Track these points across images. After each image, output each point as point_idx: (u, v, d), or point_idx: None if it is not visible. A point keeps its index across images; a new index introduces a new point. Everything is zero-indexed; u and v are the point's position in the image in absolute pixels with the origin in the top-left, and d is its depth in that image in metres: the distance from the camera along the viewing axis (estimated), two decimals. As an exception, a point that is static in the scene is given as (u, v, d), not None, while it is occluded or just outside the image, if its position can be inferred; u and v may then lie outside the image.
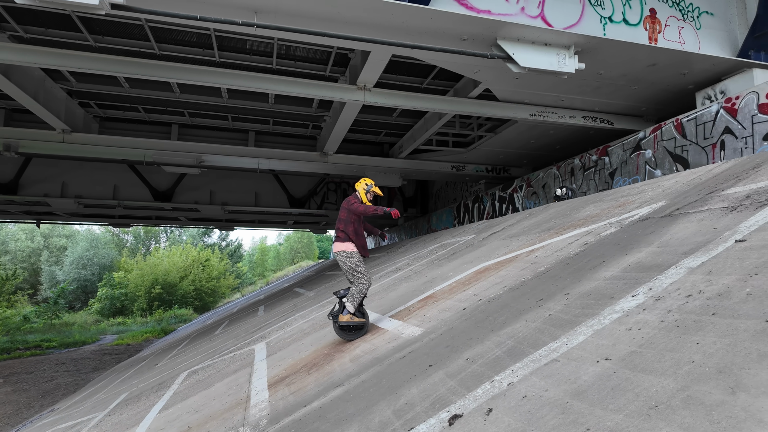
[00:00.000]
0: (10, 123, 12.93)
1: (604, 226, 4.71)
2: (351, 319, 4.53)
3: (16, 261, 45.45)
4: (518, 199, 14.41)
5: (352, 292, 4.53)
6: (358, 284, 4.51)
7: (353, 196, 4.76)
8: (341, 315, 4.55)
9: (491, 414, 2.04)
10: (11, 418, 12.30)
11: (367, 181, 4.79)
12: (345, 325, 4.56)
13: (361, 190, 4.76)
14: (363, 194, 4.74)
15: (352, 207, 4.60)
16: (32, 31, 9.10)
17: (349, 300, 4.52)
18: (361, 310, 4.63)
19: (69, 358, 21.74)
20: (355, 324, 4.58)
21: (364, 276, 4.52)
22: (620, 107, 11.36)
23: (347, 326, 4.57)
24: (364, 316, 4.65)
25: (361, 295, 4.51)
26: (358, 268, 4.53)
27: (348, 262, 4.56)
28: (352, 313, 4.52)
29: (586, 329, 2.50)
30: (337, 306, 4.66)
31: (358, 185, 4.80)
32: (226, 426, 3.55)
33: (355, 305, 4.50)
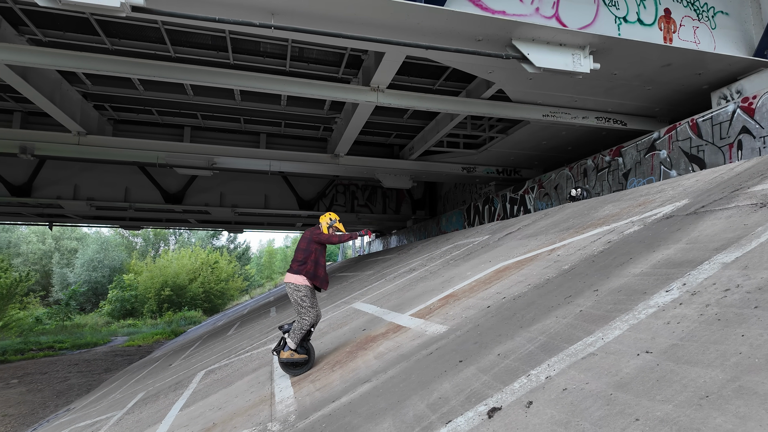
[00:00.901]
0: (26, 125, 13.12)
1: (627, 224, 4.69)
2: (291, 356, 4.43)
3: (28, 263, 45.95)
4: (530, 200, 14.37)
5: (294, 327, 4.44)
6: (300, 320, 4.43)
7: (316, 227, 4.72)
8: (282, 351, 4.46)
9: (532, 406, 2.04)
10: (27, 417, 12.42)
11: (332, 216, 4.74)
12: (285, 360, 4.46)
13: (324, 224, 4.70)
14: (325, 229, 4.68)
15: (320, 237, 4.56)
16: (50, 34, 9.23)
17: (290, 336, 4.43)
18: (305, 346, 4.53)
19: (81, 359, 21.93)
20: (296, 360, 4.46)
21: (308, 311, 4.42)
22: (634, 108, 11.31)
23: (287, 362, 4.47)
24: (308, 353, 4.53)
25: (302, 331, 4.41)
26: (304, 303, 4.43)
27: (295, 296, 4.48)
28: (293, 350, 4.42)
29: (621, 324, 2.49)
30: (281, 341, 4.55)
31: (322, 219, 4.74)
32: (253, 422, 3.57)
33: (296, 341, 4.40)
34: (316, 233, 4.61)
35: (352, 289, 10.45)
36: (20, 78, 9.14)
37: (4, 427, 11.43)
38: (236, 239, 60.91)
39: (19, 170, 16.91)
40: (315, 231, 4.64)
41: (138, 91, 11.77)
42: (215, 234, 57.68)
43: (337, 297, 10.07)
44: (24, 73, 9.29)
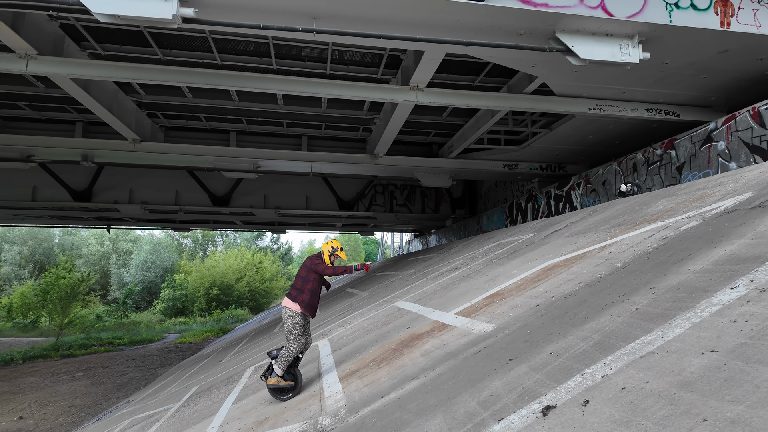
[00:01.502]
0: (87, 135, 14.02)
1: (683, 219, 4.47)
2: (278, 382, 4.46)
3: (89, 264, 49.01)
4: (576, 197, 13.92)
5: (281, 354, 4.49)
6: (288, 347, 4.47)
7: (317, 256, 4.72)
8: (269, 377, 4.50)
9: (589, 405, 2.00)
10: (91, 408, 13.28)
11: (334, 244, 4.74)
12: (272, 387, 4.50)
13: (326, 252, 4.71)
14: (327, 256, 4.68)
15: (318, 268, 4.57)
16: (108, 48, 9.83)
17: (278, 362, 4.47)
18: (292, 372, 4.54)
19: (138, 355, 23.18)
20: (282, 387, 4.48)
21: (298, 340, 4.46)
22: (687, 98, 10.74)
23: (274, 388, 4.51)
24: (295, 379, 4.53)
25: (289, 358, 4.44)
26: (295, 330, 4.47)
27: (288, 321, 4.51)
28: (280, 376, 4.45)
29: (682, 322, 2.39)
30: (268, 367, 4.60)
31: (325, 246, 4.75)
32: (304, 416, 3.67)
33: (282, 368, 4.44)
34: (315, 262, 4.61)
35: (394, 288, 10.50)
36: (82, 90, 9.78)
37: (71, 417, 12.28)
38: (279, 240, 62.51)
39: (81, 177, 18.08)
40: (315, 260, 4.64)
41: (187, 99, 12.32)
42: (259, 235, 59.45)
43: (379, 296, 10.15)
44: (86, 86, 9.94)
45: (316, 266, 4.59)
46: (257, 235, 59.21)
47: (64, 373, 18.54)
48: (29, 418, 12.38)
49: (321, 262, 4.64)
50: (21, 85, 11.36)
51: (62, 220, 24.72)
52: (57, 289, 28.47)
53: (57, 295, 28.30)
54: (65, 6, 6.28)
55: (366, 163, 15.10)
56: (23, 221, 25.48)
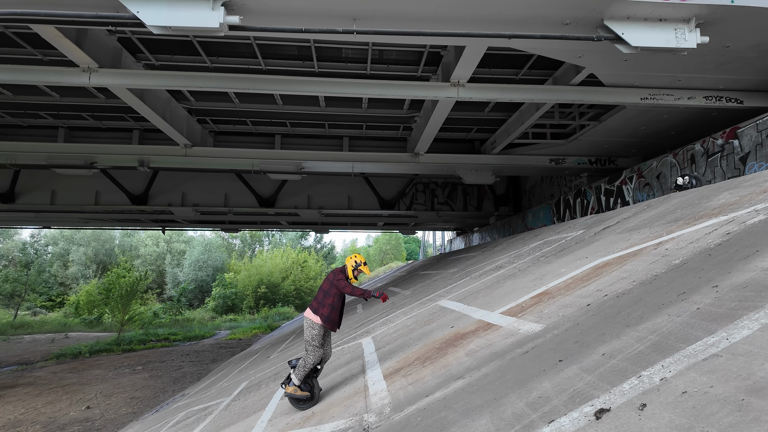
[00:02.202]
0: (143, 141, 14.84)
1: (749, 213, 4.16)
2: (294, 391, 4.50)
3: (146, 264, 51.92)
4: (628, 191, 13.29)
5: (299, 364, 4.53)
6: (306, 357, 4.50)
7: (341, 270, 4.70)
8: (287, 385, 4.56)
9: (646, 409, 1.90)
10: (150, 400, 14.06)
11: (358, 258, 4.72)
12: (289, 395, 4.55)
13: (349, 267, 4.69)
14: (350, 271, 4.67)
15: (339, 284, 4.55)
16: (161, 58, 10.35)
17: (295, 372, 4.51)
18: (309, 383, 4.56)
19: (192, 350, 24.30)
20: (298, 397, 4.52)
21: (315, 351, 4.49)
22: (751, 83, 9.99)
23: (291, 397, 4.55)
24: (311, 390, 4.56)
25: (306, 369, 4.46)
26: (314, 341, 4.51)
27: (308, 332, 4.55)
28: (297, 386, 4.49)
29: (750, 323, 2.22)
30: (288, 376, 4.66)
31: (348, 260, 4.75)
32: (349, 412, 3.71)
33: (299, 378, 4.47)
34: (338, 278, 4.59)
35: (437, 287, 10.43)
36: (138, 99, 10.36)
37: (132, 408, 13.06)
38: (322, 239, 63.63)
39: (138, 182, 19.17)
40: (338, 275, 4.62)
41: (234, 104, 12.77)
42: (303, 235, 60.81)
43: (422, 295, 10.11)
44: (141, 95, 10.51)
45: (337, 282, 4.59)
46: (301, 234, 60.60)
47: (125, 367, 19.74)
48: (96, 407, 13.27)
49: (344, 278, 4.62)
50: (84, 96, 12.19)
51: (121, 223, 26.32)
52: (118, 288, 30.35)
53: (118, 293, 30.16)
54: (123, 20, 6.66)
55: (406, 161, 15.09)
56: (87, 224, 27.36)
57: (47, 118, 13.84)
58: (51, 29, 7.60)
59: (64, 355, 22.65)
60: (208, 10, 6.47)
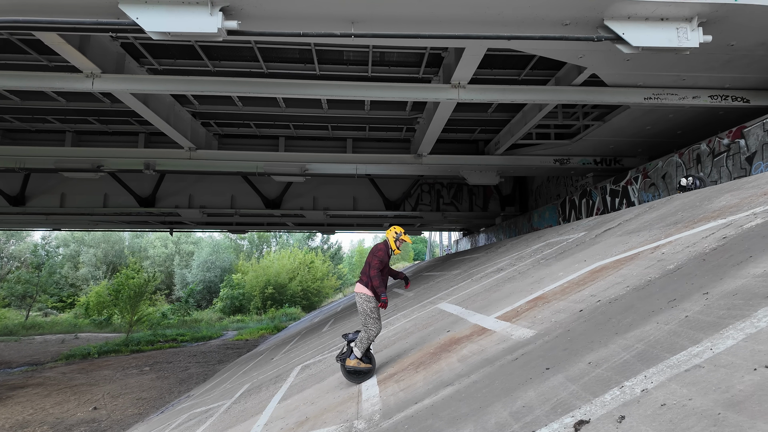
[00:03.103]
0: (148, 145, 14.98)
1: (748, 216, 4.10)
2: (357, 365, 4.56)
3: (155, 265, 52.41)
4: (633, 192, 13.15)
5: (361, 337, 4.56)
6: (367, 330, 4.51)
7: (383, 244, 4.75)
8: (348, 359, 4.58)
9: (624, 422, 1.87)
10: (156, 401, 14.18)
11: (397, 229, 4.76)
12: (351, 369, 4.58)
13: (390, 238, 4.75)
14: (392, 242, 4.73)
15: (371, 264, 4.61)
16: (164, 63, 10.44)
17: (357, 345, 4.55)
18: (368, 355, 4.64)
19: (199, 351, 24.48)
20: (361, 369, 4.59)
21: (376, 323, 4.53)
22: (758, 81, 9.83)
23: (353, 370, 4.59)
24: (370, 362, 4.65)
25: (368, 341, 4.52)
26: (373, 314, 4.53)
27: (365, 306, 4.56)
28: (359, 359, 4.55)
29: (735, 333, 2.19)
30: (345, 349, 4.69)
31: (388, 233, 4.79)
32: (341, 418, 3.71)
33: (362, 350, 4.53)
34: (376, 256, 4.64)
35: (438, 289, 10.40)
36: (142, 104, 10.45)
37: (138, 409, 13.19)
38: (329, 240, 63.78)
39: (145, 184, 19.36)
40: (378, 253, 4.66)
41: (237, 107, 12.84)
42: (310, 235, 60.99)
43: (423, 297, 10.09)
44: (145, 99, 10.60)
45: (371, 258, 4.66)
46: (308, 235, 60.80)
47: (133, 367, 19.94)
48: (102, 408, 13.42)
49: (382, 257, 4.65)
50: (90, 101, 12.33)
51: (130, 225, 26.63)
52: (127, 289, 30.65)
53: (127, 294, 30.47)
54: (123, 27, 6.73)
55: (410, 163, 15.06)
56: (97, 226, 27.72)
57: (54, 123, 14.03)
58: (53, 36, 7.70)
59: (73, 356, 22.95)
60: (206, 15, 6.52)
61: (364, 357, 4.62)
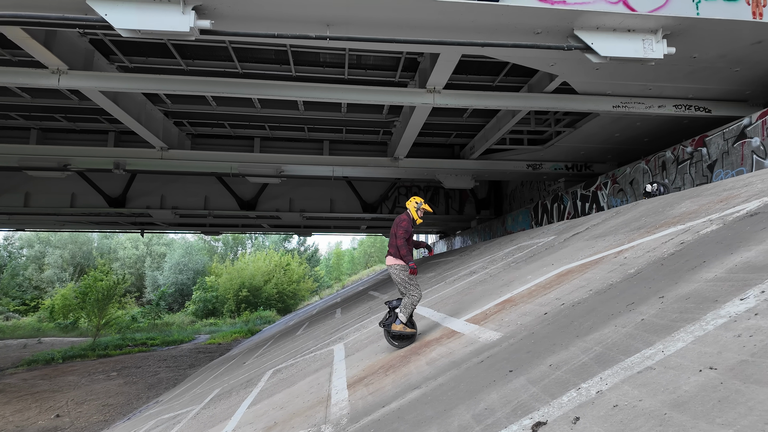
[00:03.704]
0: (119, 144, 14.58)
1: (704, 223, 4.27)
2: (403, 329, 4.74)
3: (125, 267, 50.96)
4: (603, 197, 13.52)
5: (404, 303, 4.69)
6: (410, 296, 4.66)
7: (406, 214, 4.90)
8: (393, 324, 4.74)
9: (578, 423, 1.93)
10: (123, 407, 13.78)
11: (417, 200, 4.93)
12: (397, 334, 4.75)
13: (411, 207, 4.92)
14: (414, 212, 4.90)
15: (397, 233, 4.74)
16: (135, 60, 10.20)
17: (401, 310, 4.70)
18: (411, 321, 4.80)
19: (169, 355, 23.89)
20: (406, 334, 4.78)
21: (416, 288, 4.69)
22: (719, 92, 10.26)
23: (398, 335, 4.75)
24: (413, 327, 4.82)
25: (412, 306, 4.67)
26: (410, 280, 4.69)
27: (401, 275, 4.72)
28: (404, 323, 4.71)
29: (685, 335, 2.28)
30: (389, 315, 4.84)
31: (409, 203, 4.97)
32: (309, 423, 3.70)
33: (407, 315, 4.69)
34: (401, 226, 4.76)
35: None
36: (112, 102, 10.17)
37: (104, 416, 12.78)
38: (305, 242, 63.25)
39: (115, 184, 18.82)
40: (401, 224, 4.77)
41: (211, 107, 12.64)
42: (286, 237, 60.39)
43: (399, 300, 10.12)
44: (115, 98, 10.33)
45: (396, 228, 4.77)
46: (285, 237, 60.18)
47: (100, 373, 19.31)
48: (66, 416, 12.96)
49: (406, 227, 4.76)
50: (57, 98, 11.93)
51: (99, 225, 25.82)
52: (95, 292, 29.69)
53: (95, 297, 29.51)
54: (90, 23, 6.54)
55: (387, 165, 15.11)
56: (64, 226, 26.74)
57: (18, 120, 13.52)
58: (17, 31, 7.43)
59: (36, 361, 22.07)
60: (178, 13, 6.40)
61: (409, 322, 4.76)
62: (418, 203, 4.89)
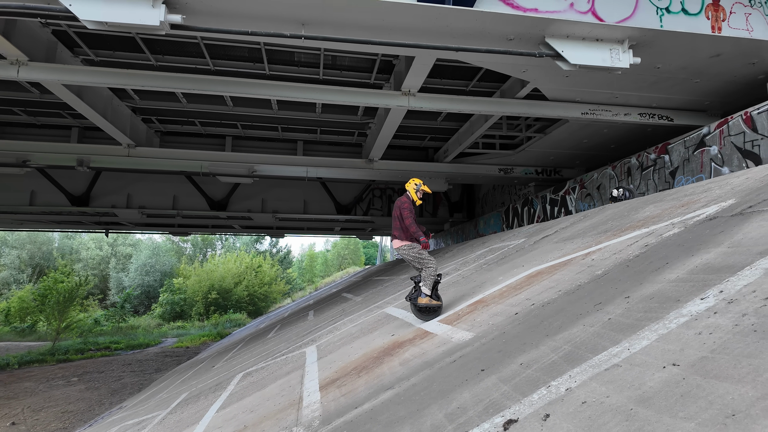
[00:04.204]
0: (82, 140, 14.03)
1: (667, 226, 4.44)
2: (429, 302, 4.89)
3: (88, 268, 49.01)
4: (571, 201, 13.89)
5: (424, 276, 4.87)
6: (427, 268, 4.83)
7: (405, 196, 5.06)
8: (420, 298, 4.89)
9: (548, 420, 1.97)
10: (84, 414, 13.23)
11: (416, 181, 5.12)
12: (423, 306, 4.88)
13: (411, 189, 5.10)
14: (413, 193, 5.09)
15: (403, 213, 4.91)
16: (101, 54, 9.85)
17: (424, 283, 4.85)
18: (436, 294, 4.94)
19: (134, 359, 23.12)
20: (432, 306, 4.90)
21: (430, 260, 4.86)
22: (681, 102, 10.72)
23: (425, 308, 4.88)
24: (439, 299, 4.97)
25: (432, 277, 4.83)
26: (422, 255, 4.87)
27: (412, 253, 4.91)
28: (429, 296, 4.86)
29: (650, 333, 2.36)
30: (414, 290, 4.99)
31: (408, 185, 5.14)
32: (280, 426, 3.64)
33: (430, 286, 4.85)
34: (404, 207, 4.91)
35: (386, 293, 10.46)
36: (75, 96, 9.79)
37: (63, 423, 12.23)
38: (278, 244, 62.44)
39: (78, 182, 18.10)
40: (404, 205, 4.93)
41: (182, 104, 12.33)
42: (258, 239, 59.43)
43: (371, 302, 10.11)
44: (79, 92, 9.94)
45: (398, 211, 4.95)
46: (256, 239, 59.22)
47: (59, 378, 18.49)
48: (21, 423, 12.34)
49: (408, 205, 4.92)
50: (16, 90, 11.39)
51: (60, 225, 24.75)
52: (55, 294, 28.45)
53: (55, 299, 28.28)
54: (53, 13, 6.29)
55: (361, 167, 15.10)
56: (22, 225, 25.51)
57: (-27, 112, 12.84)
58: (-27, 18, 7.07)
59: (-11, 367, 20.96)
60: (147, 7, 6.23)
61: (434, 294, 4.88)
62: (417, 184, 5.08)
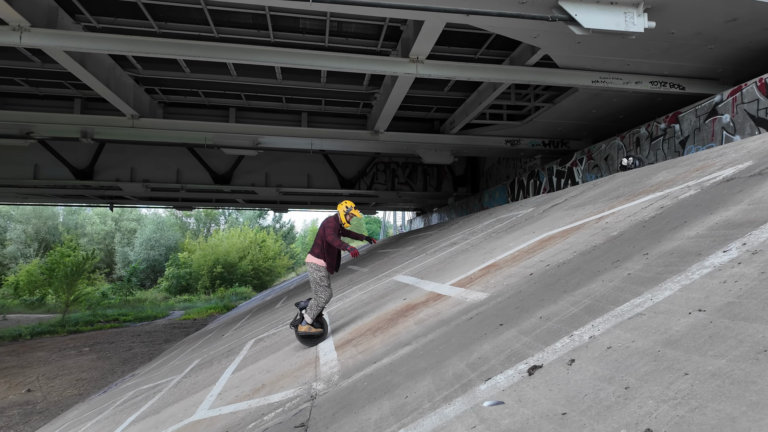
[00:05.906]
0: (86, 111, 13.93)
1: (682, 189, 4.42)
2: (309, 330, 4.89)
3: (93, 243, 49.39)
4: (578, 173, 13.81)
5: (311, 305, 4.88)
6: (317, 297, 4.84)
7: (333, 218, 5.00)
8: (300, 325, 4.90)
9: (574, 364, 2.00)
10: (98, 381, 13.57)
11: (348, 204, 5.05)
12: (304, 334, 4.89)
13: (341, 211, 5.04)
14: (342, 216, 5.02)
15: (325, 233, 4.87)
16: (103, 21, 9.67)
17: (308, 312, 4.87)
18: (319, 320, 4.96)
19: (143, 331, 23.55)
20: (312, 334, 4.90)
21: (325, 291, 4.85)
22: (693, 70, 10.51)
23: (306, 335, 4.89)
24: (322, 326, 4.97)
25: (318, 308, 4.84)
26: (323, 282, 4.87)
27: (315, 275, 4.90)
28: (310, 324, 4.86)
29: (672, 285, 2.37)
30: (298, 316, 4.99)
31: (339, 207, 5.07)
32: (299, 382, 3.72)
33: (312, 317, 4.85)
34: (328, 226, 4.90)
35: (394, 263, 10.54)
36: (78, 64, 9.65)
37: (78, 390, 12.56)
38: (281, 219, 62.63)
39: (82, 155, 18.05)
40: (330, 224, 4.91)
41: (185, 73, 12.16)
42: (262, 214, 59.60)
43: (379, 271, 10.19)
44: (81, 60, 9.80)
45: (323, 229, 4.91)
46: (259, 213, 59.37)
47: (71, 348, 18.89)
48: (37, 390, 12.68)
49: (333, 226, 4.90)
50: (17, 60, 11.24)
51: (64, 199, 24.81)
52: (62, 267, 28.77)
53: (62, 272, 28.61)
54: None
55: (366, 139, 14.97)
56: (26, 200, 25.59)
57: (-26, 83, 12.71)
58: (-27, -20, 6.91)
59: (2, 338, 21.37)
60: (152, -33, 6.07)
61: (315, 322, 4.89)
62: (348, 207, 5.03)
